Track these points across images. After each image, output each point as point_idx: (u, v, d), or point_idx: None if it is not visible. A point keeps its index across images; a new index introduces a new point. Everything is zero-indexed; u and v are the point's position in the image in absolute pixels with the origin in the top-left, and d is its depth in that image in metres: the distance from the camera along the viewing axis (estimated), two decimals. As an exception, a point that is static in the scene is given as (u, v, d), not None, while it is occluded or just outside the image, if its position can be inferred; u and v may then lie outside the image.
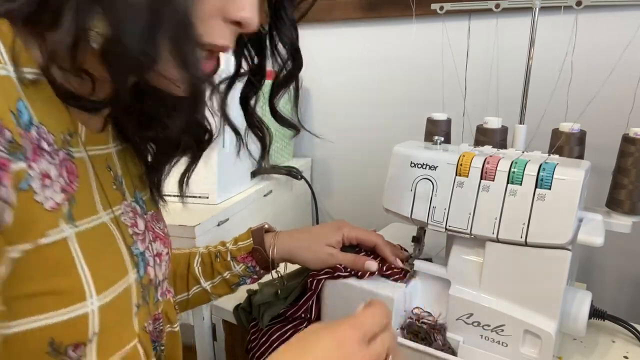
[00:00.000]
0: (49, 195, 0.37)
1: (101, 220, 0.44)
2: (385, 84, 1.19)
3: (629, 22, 0.86)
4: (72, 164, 0.41)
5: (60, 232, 0.38)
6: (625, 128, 0.73)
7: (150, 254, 0.51)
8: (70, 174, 0.40)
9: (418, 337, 0.68)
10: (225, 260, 0.72)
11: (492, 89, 0.94)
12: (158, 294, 0.53)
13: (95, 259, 0.41)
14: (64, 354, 0.38)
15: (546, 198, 0.59)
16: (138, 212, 0.52)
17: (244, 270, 0.72)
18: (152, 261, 0.51)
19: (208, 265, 0.72)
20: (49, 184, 0.37)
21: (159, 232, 0.56)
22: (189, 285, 0.72)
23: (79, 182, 0.41)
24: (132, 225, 0.49)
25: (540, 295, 0.62)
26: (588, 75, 0.84)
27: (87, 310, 0.39)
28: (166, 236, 0.58)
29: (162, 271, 0.55)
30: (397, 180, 0.70)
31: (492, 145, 0.73)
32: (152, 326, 0.51)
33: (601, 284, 1.00)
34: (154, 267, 0.52)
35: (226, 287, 0.73)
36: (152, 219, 0.56)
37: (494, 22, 0.95)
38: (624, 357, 0.70)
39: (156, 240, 0.54)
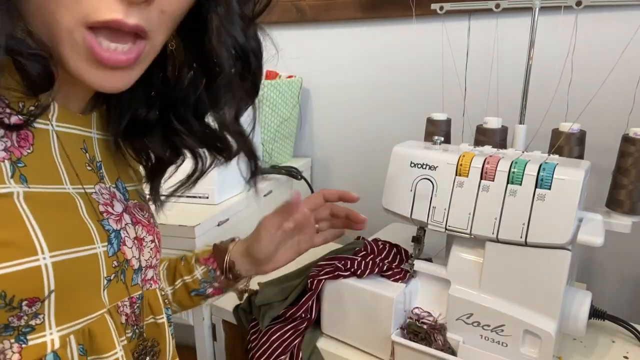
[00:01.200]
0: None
1: (64, 191, 0.43)
2: (385, 84, 1.19)
3: (629, 22, 0.86)
4: (28, 131, 0.40)
5: (4, 187, 0.37)
6: (625, 128, 0.73)
7: (127, 235, 0.51)
8: (22, 139, 0.40)
9: (418, 337, 0.68)
10: (189, 264, 0.70)
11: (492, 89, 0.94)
12: (139, 278, 0.53)
13: (48, 219, 0.40)
14: (18, 308, 0.37)
15: (546, 198, 0.59)
16: (117, 197, 0.51)
17: (205, 274, 0.69)
18: (129, 242, 0.51)
19: (172, 269, 0.71)
20: None
21: (142, 219, 0.54)
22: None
23: (34, 150, 0.41)
24: (104, 204, 0.48)
25: (540, 295, 0.62)
26: (588, 75, 0.84)
27: (40, 264, 0.38)
28: (150, 224, 0.56)
29: (144, 257, 0.54)
30: (397, 181, 0.70)
31: (492, 145, 0.73)
32: (128, 309, 0.51)
33: (601, 284, 1.00)
34: (132, 249, 0.51)
35: (186, 294, 0.70)
36: (135, 207, 0.54)
37: (494, 22, 0.94)
38: (624, 357, 0.70)
39: (137, 224, 0.53)
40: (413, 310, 0.72)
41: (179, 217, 0.88)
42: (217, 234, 0.92)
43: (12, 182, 0.38)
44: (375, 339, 0.70)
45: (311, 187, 1.27)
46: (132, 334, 0.52)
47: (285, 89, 1.17)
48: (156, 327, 0.56)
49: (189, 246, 0.86)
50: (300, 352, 0.73)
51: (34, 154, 0.41)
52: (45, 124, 0.43)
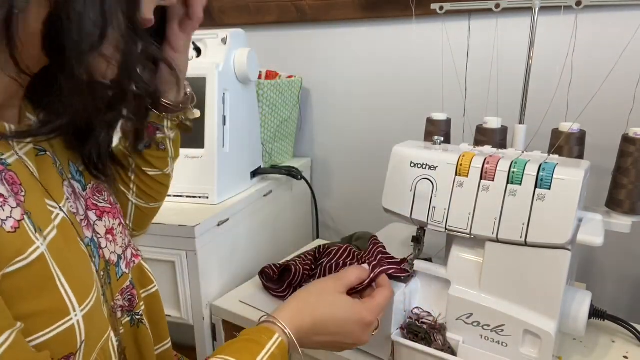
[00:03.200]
0: (7, 215, 0.36)
1: (60, 218, 0.43)
2: (385, 84, 1.19)
3: (628, 22, 0.86)
4: (11, 172, 0.39)
5: (36, 249, 0.37)
6: (625, 128, 0.73)
7: (100, 235, 0.50)
8: (13, 185, 0.39)
9: (418, 337, 0.68)
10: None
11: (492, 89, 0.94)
12: (122, 267, 0.53)
13: (70, 267, 0.40)
14: None
15: (546, 198, 0.59)
16: (77, 190, 0.50)
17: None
18: (103, 242, 0.51)
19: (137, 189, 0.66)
20: (1, 203, 0.36)
21: (104, 206, 0.53)
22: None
23: (25, 189, 0.40)
24: (76, 212, 0.48)
25: (540, 295, 0.61)
26: (588, 75, 0.84)
27: (73, 322, 0.39)
28: (113, 206, 0.55)
29: (119, 244, 0.53)
30: (397, 181, 0.70)
31: (492, 145, 0.73)
32: (121, 301, 0.51)
33: (601, 284, 1.00)
34: (107, 247, 0.51)
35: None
36: (93, 192, 0.53)
37: (494, 22, 0.94)
38: (624, 357, 0.70)
39: (102, 216, 0.52)
40: (413, 310, 0.72)
41: (179, 217, 0.88)
42: (217, 234, 0.92)
43: (38, 236, 0.38)
44: (375, 339, 0.70)
45: (311, 187, 1.27)
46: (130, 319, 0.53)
47: (285, 89, 1.17)
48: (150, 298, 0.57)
49: (189, 246, 0.86)
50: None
51: (28, 195, 0.40)
52: (12, 155, 0.41)
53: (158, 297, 0.59)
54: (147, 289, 0.58)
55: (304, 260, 0.87)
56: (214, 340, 0.91)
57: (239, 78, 0.99)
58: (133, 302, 0.54)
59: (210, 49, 0.99)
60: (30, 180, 0.41)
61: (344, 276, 0.62)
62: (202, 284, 0.87)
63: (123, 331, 0.53)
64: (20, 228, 0.37)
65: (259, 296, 0.88)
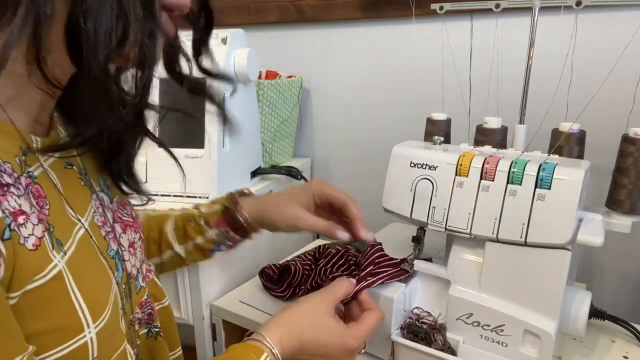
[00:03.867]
0: (29, 233, 0.36)
1: (81, 232, 0.43)
2: (385, 84, 1.19)
3: (629, 22, 0.86)
4: (37, 185, 0.39)
5: (54, 267, 0.37)
6: (625, 128, 0.73)
7: (124, 248, 0.51)
8: (38, 198, 0.39)
9: (418, 337, 0.68)
10: (199, 226, 0.69)
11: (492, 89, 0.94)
12: (140, 281, 0.53)
13: (87, 283, 0.40)
14: None
15: (546, 198, 0.59)
16: (105, 202, 0.51)
17: (218, 235, 0.70)
18: (127, 255, 0.51)
19: (181, 229, 0.70)
20: (24, 220, 0.36)
21: (127, 220, 0.54)
22: (161, 249, 0.70)
23: (49, 202, 0.40)
24: (102, 225, 0.48)
25: (540, 295, 0.61)
26: (588, 75, 0.83)
27: (86, 339, 0.39)
28: (135, 220, 0.56)
29: (138, 258, 0.54)
30: (397, 180, 0.70)
31: (491, 145, 0.73)
32: (140, 314, 0.51)
33: (601, 284, 1.00)
34: (130, 259, 0.51)
35: (200, 253, 0.71)
36: (118, 206, 0.54)
37: (494, 22, 0.94)
38: (624, 357, 0.70)
39: (126, 229, 0.53)
40: (413, 310, 0.72)
41: (179, 217, 0.88)
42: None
43: (55, 254, 0.38)
44: (375, 339, 0.70)
45: (311, 187, 1.27)
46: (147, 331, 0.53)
47: (285, 89, 1.17)
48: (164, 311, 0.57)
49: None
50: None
51: (52, 208, 0.40)
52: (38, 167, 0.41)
53: (170, 309, 0.59)
54: (161, 303, 0.58)
55: (304, 260, 0.87)
56: (214, 340, 0.91)
57: (239, 78, 0.99)
58: (152, 316, 0.54)
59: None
60: (54, 192, 0.41)
61: (333, 291, 0.61)
62: (202, 284, 0.87)
63: (139, 342, 0.53)
64: (41, 245, 0.37)
65: (259, 296, 0.88)
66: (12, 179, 0.37)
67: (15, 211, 0.35)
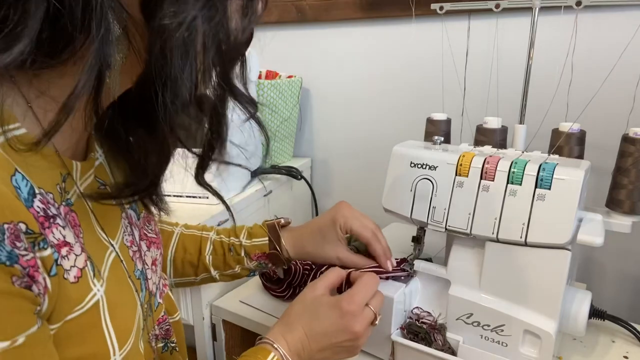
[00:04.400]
0: (71, 265, 0.36)
1: (112, 256, 0.43)
2: (385, 84, 1.19)
3: (629, 22, 0.86)
4: (73, 213, 0.39)
5: (93, 296, 0.38)
6: (625, 128, 0.73)
7: (147, 266, 0.51)
8: (74, 227, 0.39)
9: (418, 337, 0.68)
10: (239, 256, 0.71)
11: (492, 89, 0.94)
12: (158, 298, 0.53)
13: (117, 309, 0.40)
14: None
15: (546, 198, 0.59)
16: (133, 219, 0.51)
17: (257, 266, 0.72)
18: (150, 273, 0.51)
19: (220, 256, 0.71)
20: (67, 252, 0.36)
21: (152, 236, 0.55)
22: (197, 271, 0.71)
23: (83, 230, 0.40)
24: (130, 244, 0.48)
25: (540, 295, 0.61)
26: (588, 75, 0.84)
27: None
28: (158, 236, 0.57)
29: (158, 275, 0.54)
30: (397, 180, 0.70)
31: (491, 145, 0.73)
32: (158, 330, 0.52)
33: (601, 284, 1.00)
34: (152, 277, 0.51)
35: (234, 277, 0.73)
36: (144, 222, 0.54)
37: (494, 22, 0.94)
38: (624, 357, 0.70)
39: (150, 247, 0.53)
40: (413, 310, 0.72)
41: (179, 217, 0.88)
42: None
43: (95, 282, 0.38)
44: (375, 339, 0.70)
45: (311, 187, 1.27)
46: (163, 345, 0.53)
47: (285, 89, 1.17)
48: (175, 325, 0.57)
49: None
50: None
51: (86, 235, 0.40)
52: (75, 192, 0.41)
53: (180, 324, 0.60)
54: (173, 317, 0.58)
55: (304, 261, 0.87)
56: (214, 340, 0.91)
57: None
58: (170, 332, 0.55)
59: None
60: (87, 218, 0.41)
61: (322, 278, 0.61)
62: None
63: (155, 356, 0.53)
64: (82, 277, 0.37)
65: (259, 296, 0.88)
66: (56, 211, 0.37)
67: (59, 243, 0.36)
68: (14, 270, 0.31)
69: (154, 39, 0.35)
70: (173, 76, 0.36)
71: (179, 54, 0.35)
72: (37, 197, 0.35)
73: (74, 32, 0.32)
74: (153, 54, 0.35)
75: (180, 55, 0.35)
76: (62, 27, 0.32)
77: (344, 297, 0.57)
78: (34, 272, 0.32)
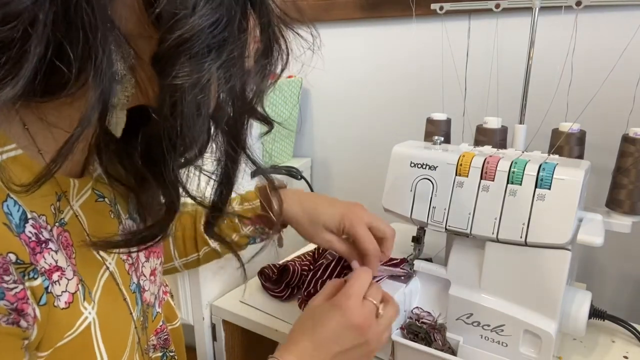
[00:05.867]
0: (62, 290, 0.35)
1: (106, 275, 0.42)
2: (385, 84, 1.19)
3: (629, 22, 0.86)
4: (66, 233, 0.38)
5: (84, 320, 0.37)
6: (625, 128, 0.73)
7: (145, 278, 0.50)
8: (67, 247, 0.38)
9: (418, 337, 0.68)
10: (233, 223, 0.70)
11: (492, 89, 0.94)
12: (156, 307, 0.52)
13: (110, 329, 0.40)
14: None
15: (546, 198, 0.59)
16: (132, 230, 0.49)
17: (253, 231, 0.70)
18: (147, 284, 0.50)
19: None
20: (58, 277, 0.35)
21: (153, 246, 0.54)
22: (198, 246, 0.70)
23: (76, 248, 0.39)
24: (127, 258, 0.47)
25: (540, 295, 0.61)
26: (588, 75, 0.84)
27: None
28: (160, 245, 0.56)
29: (157, 284, 0.53)
30: (397, 180, 0.70)
31: (492, 145, 0.73)
32: (155, 340, 0.51)
33: (601, 284, 1.00)
34: (149, 288, 0.50)
35: (238, 247, 0.71)
36: None
37: (494, 22, 0.94)
38: (624, 357, 0.70)
39: (150, 257, 0.52)
40: (413, 310, 0.72)
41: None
42: (217, 234, 0.92)
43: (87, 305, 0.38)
44: (375, 339, 0.70)
45: (311, 187, 1.27)
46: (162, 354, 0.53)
47: (285, 89, 1.17)
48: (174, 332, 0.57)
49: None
50: None
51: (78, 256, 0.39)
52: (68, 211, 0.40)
53: (180, 330, 0.59)
54: (173, 324, 0.57)
55: (303, 261, 0.87)
56: (214, 340, 0.91)
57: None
58: (168, 341, 0.54)
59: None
60: (80, 236, 0.40)
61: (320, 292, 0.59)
62: (202, 284, 0.87)
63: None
64: (73, 302, 0.36)
65: (259, 296, 0.88)
66: (49, 234, 0.36)
67: (51, 268, 0.35)
68: (0, 309, 0.30)
69: (165, 96, 0.33)
70: (182, 134, 0.34)
71: (190, 114, 0.34)
72: (29, 222, 0.34)
73: (73, 73, 0.31)
74: (163, 111, 0.33)
75: (192, 115, 0.34)
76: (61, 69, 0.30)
77: (339, 295, 0.56)
78: (23, 304, 0.31)
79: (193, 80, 0.32)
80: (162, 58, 0.32)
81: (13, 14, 0.28)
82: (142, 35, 0.33)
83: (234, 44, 0.34)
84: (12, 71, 0.29)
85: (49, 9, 0.28)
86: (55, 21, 0.29)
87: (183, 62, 0.32)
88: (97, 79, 0.31)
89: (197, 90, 0.33)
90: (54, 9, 0.29)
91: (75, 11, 0.29)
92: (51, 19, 0.29)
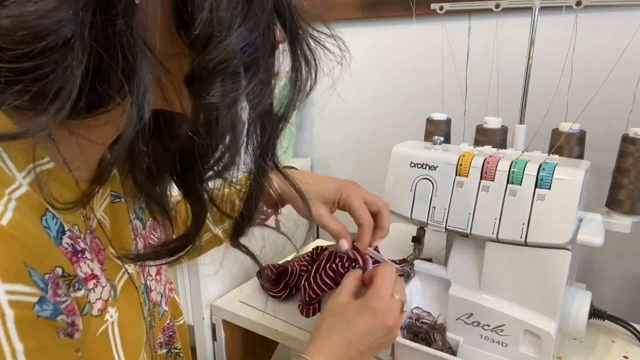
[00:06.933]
0: (97, 297, 0.36)
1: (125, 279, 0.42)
2: (385, 83, 1.19)
3: (629, 22, 0.86)
4: (97, 239, 0.39)
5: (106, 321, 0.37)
6: (625, 128, 0.73)
7: (151, 277, 0.50)
8: (99, 253, 0.38)
9: (418, 337, 0.68)
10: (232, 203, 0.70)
11: (492, 89, 0.94)
12: (163, 305, 0.53)
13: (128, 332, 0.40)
14: None
15: (546, 198, 0.59)
16: (138, 230, 0.50)
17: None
18: (153, 284, 0.50)
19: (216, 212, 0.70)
20: (93, 285, 0.36)
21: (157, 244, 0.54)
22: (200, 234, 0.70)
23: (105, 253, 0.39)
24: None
25: (540, 295, 0.61)
26: (588, 75, 0.83)
27: None
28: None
29: (163, 283, 0.54)
30: (397, 180, 0.70)
31: (492, 145, 0.73)
32: (162, 337, 0.51)
33: (601, 284, 1.00)
34: (155, 288, 0.51)
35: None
36: (150, 231, 0.53)
37: (494, 22, 0.94)
38: (624, 357, 0.70)
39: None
40: (413, 310, 0.72)
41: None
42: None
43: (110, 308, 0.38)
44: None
45: (311, 187, 1.27)
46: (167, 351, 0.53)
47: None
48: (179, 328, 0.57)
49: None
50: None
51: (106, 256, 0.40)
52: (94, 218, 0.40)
53: (185, 328, 0.59)
54: (178, 321, 0.58)
55: (301, 262, 0.87)
56: (214, 340, 0.91)
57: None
58: (173, 338, 0.54)
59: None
60: (105, 240, 0.41)
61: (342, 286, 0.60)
62: (202, 284, 0.87)
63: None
64: (104, 309, 0.37)
65: (259, 296, 0.88)
66: (84, 244, 0.36)
67: (87, 276, 0.35)
68: (58, 324, 0.30)
69: (199, 114, 0.33)
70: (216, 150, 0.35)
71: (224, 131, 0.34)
72: (65, 234, 0.34)
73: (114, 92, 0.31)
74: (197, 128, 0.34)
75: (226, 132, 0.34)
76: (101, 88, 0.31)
77: (370, 296, 0.56)
78: (73, 316, 0.32)
79: (229, 99, 0.33)
80: (197, 78, 0.32)
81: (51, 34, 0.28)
82: (174, 54, 0.33)
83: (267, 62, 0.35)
84: (57, 92, 0.29)
85: (89, 34, 0.29)
86: (96, 41, 0.29)
87: (217, 82, 0.32)
88: (136, 97, 0.31)
89: (232, 108, 0.34)
90: (93, 33, 0.29)
91: (115, 33, 0.29)
92: (91, 41, 0.29)
